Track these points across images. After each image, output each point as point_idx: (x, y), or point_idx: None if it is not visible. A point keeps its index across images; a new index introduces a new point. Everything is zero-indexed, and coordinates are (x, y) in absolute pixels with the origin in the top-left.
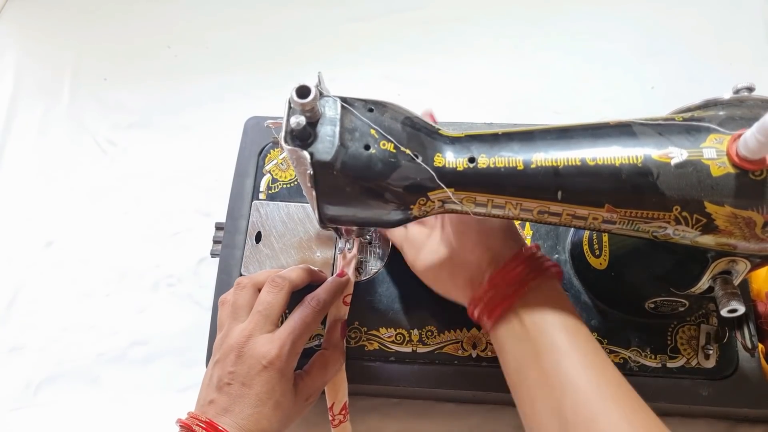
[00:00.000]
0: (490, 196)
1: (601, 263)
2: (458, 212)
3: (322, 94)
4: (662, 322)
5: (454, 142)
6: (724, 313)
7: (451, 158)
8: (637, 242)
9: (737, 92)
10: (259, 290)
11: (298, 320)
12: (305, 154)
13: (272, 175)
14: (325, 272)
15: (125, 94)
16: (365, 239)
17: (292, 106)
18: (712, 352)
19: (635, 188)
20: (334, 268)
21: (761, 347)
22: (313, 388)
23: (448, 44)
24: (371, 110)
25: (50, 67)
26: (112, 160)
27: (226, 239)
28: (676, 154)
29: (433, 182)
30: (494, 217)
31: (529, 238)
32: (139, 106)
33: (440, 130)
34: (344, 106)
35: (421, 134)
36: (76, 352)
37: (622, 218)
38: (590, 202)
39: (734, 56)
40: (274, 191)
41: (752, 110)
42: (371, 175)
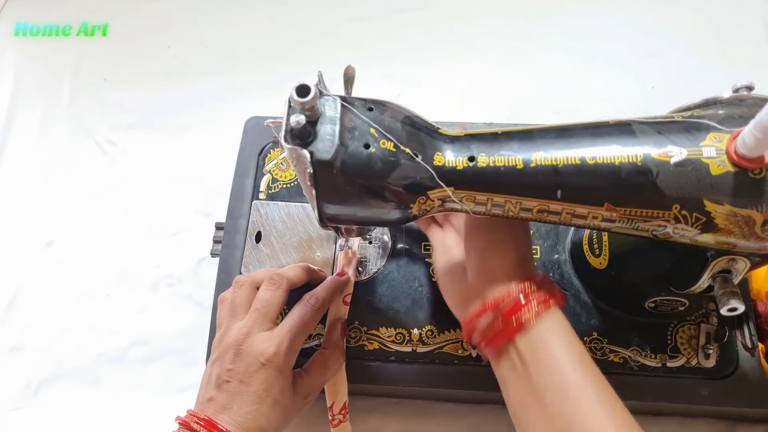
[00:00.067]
0: (489, 194)
1: (600, 262)
2: (458, 211)
3: (321, 93)
4: (662, 321)
5: (453, 141)
6: (723, 311)
7: (450, 157)
8: (636, 241)
9: (737, 91)
10: (257, 288)
11: (296, 318)
12: (305, 152)
13: (272, 175)
14: (324, 271)
15: (125, 94)
16: (366, 239)
17: (292, 105)
18: (712, 351)
19: (635, 187)
20: (334, 267)
21: (761, 347)
22: (312, 386)
23: (447, 44)
24: (371, 109)
25: (50, 67)
26: (112, 160)
27: (226, 239)
28: (675, 152)
29: (432, 181)
30: (494, 216)
31: None
32: (139, 106)
33: (440, 129)
34: (344, 105)
35: (420, 133)
36: (76, 352)
37: (621, 217)
38: (590, 200)
39: (734, 56)
40: (274, 191)
41: (752, 109)
42: (371, 173)
